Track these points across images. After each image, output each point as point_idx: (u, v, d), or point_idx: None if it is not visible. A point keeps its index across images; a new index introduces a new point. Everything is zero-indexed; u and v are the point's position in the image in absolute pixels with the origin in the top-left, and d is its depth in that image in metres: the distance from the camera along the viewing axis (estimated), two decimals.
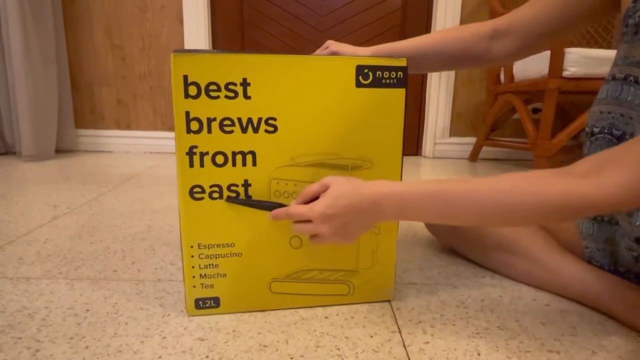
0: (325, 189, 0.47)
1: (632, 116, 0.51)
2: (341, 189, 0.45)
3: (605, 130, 0.54)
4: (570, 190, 0.38)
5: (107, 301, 0.56)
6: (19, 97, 1.63)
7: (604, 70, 1.28)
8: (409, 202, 0.44)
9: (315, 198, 0.48)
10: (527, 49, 0.64)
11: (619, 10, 0.57)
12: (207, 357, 0.45)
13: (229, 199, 0.50)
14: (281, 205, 0.49)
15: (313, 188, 0.48)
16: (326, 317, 0.54)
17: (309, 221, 0.47)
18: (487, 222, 0.44)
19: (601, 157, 0.40)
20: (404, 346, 0.48)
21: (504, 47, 0.64)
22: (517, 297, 0.60)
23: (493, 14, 1.70)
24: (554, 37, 0.62)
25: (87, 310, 0.54)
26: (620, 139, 0.52)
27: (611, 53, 1.30)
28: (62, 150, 1.92)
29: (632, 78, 0.51)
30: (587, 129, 0.59)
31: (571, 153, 1.47)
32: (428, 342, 0.49)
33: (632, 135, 0.51)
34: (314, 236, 0.48)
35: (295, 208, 0.47)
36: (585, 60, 1.28)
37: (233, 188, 0.50)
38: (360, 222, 0.46)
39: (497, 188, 0.41)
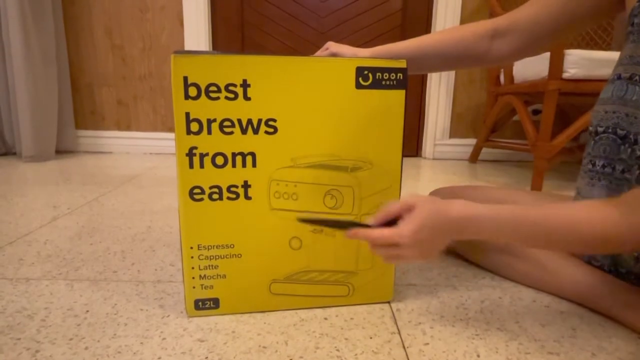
0: (407, 209, 0.45)
1: (637, 116, 0.51)
2: (427, 211, 0.44)
3: (610, 130, 0.54)
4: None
5: (107, 302, 0.56)
6: (19, 98, 1.63)
7: (604, 71, 1.28)
8: (488, 227, 0.45)
9: (395, 217, 0.46)
10: (527, 48, 0.64)
11: (622, 10, 0.56)
12: (206, 358, 0.45)
13: (300, 219, 0.48)
14: (355, 224, 0.47)
15: (394, 208, 0.46)
16: (326, 319, 0.54)
17: (392, 244, 0.45)
18: (556, 248, 0.48)
19: None
20: (404, 347, 0.48)
21: (505, 47, 0.64)
22: (517, 299, 0.60)
23: (493, 16, 1.69)
24: (554, 37, 0.62)
25: (87, 311, 0.54)
26: (624, 138, 0.52)
27: (611, 55, 1.30)
28: (62, 151, 1.92)
29: (637, 77, 0.51)
30: (590, 128, 0.59)
31: (571, 154, 1.47)
32: (428, 344, 0.49)
33: (636, 135, 0.51)
34: (394, 256, 0.46)
35: (381, 232, 0.45)
36: (585, 62, 1.28)
37: (233, 189, 0.50)
38: (442, 242, 0.46)
39: (571, 219, 0.43)
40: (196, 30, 1.88)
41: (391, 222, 0.46)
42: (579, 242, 0.43)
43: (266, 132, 0.50)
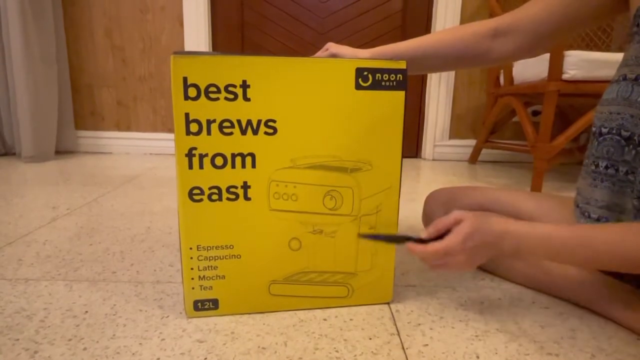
0: (456, 222, 0.50)
1: None
2: (474, 223, 0.49)
3: (614, 131, 0.54)
4: None
5: (106, 303, 0.56)
6: (19, 98, 1.63)
7: (604, 73, 1.28)
8: (526, 245, 0.49)
9: (445, 231, 0.51)
10: (528, 48, 0.63)
11: (626, 10, 0.56)
12: (205, 358, 0.45)
13: (360, 235, 0.54)
14: (410, 238, 0.51)
15: (444, 222, 0.51)
16: (325, 320, 0.54)
17: (444, 255, 0.49)
18: (596, 267, 0.50)
19: None
20: (403, 349, 0.48)
21: (506, 47, 0.64)
22: (516, 300, 0.60)
23: (493, 17, 1.70)
24: (556, 36, 0.61)
25: (86, 311, 0.54)
26: (629, 139, 0.52)
27: (610, 56, 1.30)
28: (62, 151, 1.92)
29: None
30: (593, 129, 0.58)
31: (571, 155, 1.47)
32: (427, 345, 0.49)
33: None
34: (441, 265, 0.51)
35: (434, 248, 0.49)
36: (585, 63, 1.28)
37: (232, 190, 0.50)
38: (484, 254, 0.50)
39: (610, 239, 0.46)
40: (196, 31, 1.88)
41: (441, 235, 0.51)
42: (622, 262, 0.45)
43: (266, 133, 0.50)
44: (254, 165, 0.50)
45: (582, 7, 0.58)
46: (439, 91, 1.96)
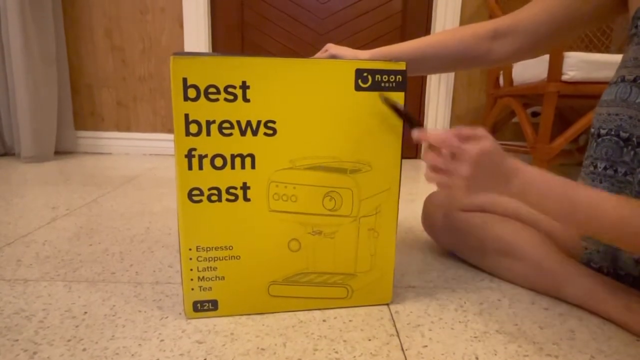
0: (479, 138, 0.46)
1: None
2: (494, 144, 0.46)
3: (613, 132, 0.54)
4: None
5: (105, 303, 0.56)
6: (19, 98, 1.63)
7: (603, 74, 1.28)
8: (535, 189, 0.46)
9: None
10: (528, 49, 0.63)
11: (625, 12, 0.56)
12: (204, 359, 0.45)
13: (383, 98, 0.50)
14: (419, 124, 0.49)
15: (470, 131, 0.47)
16: (324, 321, 0.54)
17: (455, 154, 0.46)
18: (597, 237, 0.48)
19: None
20: (402, 350, 0.48)
21: (505, 48, 0.64)
22: (515, 301, 0.60)
23: (492, 17, 1.70)
24: (555, 38, 0.61)
25: (85, 312, 0.54)
26: (627, 141, 0.52)
27: (610, 57, 1.31)
28: (61, 151, 1.92)
29: None
30: (592, 130, 0.59)
31: (570, 156, 1.47)
32: (426, 346, 0.49)
33: (639, 138, 0.51)
34: (446, 174, 0.47)
35: (448, 135, 0.46)
36: (584, 65, 1.28)
37: (232, 191, 0.50)
38: (489, 182, 0.47)
39: (621, 210, 0.43)
40: (196, 32, 1.88)
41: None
42: (626, 239, 0.44)
43: (265, 134, 0.50)
44: (253, 166, 0.50)
45: (582, 8, 0.58)
46: (439, 92, 1.96)
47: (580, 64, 1.28)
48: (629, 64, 0.53)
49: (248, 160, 0.50)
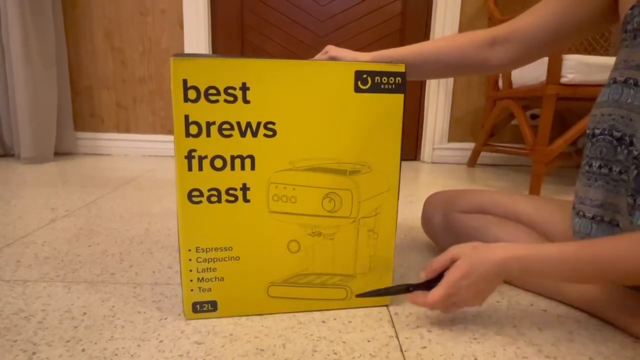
0: (452, 260, 0.51)
1: (632, 118, 0.51)
2: (471, 258, 0.49)
3: (606, 132, 0.55)
4: None
5: (104, 304, 0.56)
6: (19, 100, 1.63)
7: (602, 76, 1.28)
8: (533, 268, 0.48)
9: (442, 271, 0.52)
10: (526, 56, 0.64)
11: (617, 21, 0.57)
12: None
13: (358, 296, 0.56)
14: (409, 287, 0.54)
15: (439, 262, 0.52)
16: (323, 322, 0.54)
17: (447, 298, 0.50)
18: (607, 282, 0.52)
19: None
20: (402, 351, 0.48)
21: (504, 54, 0.64)
22: (514, 302, 0.60)
23: (492, 20, 1.71)
24: (553, 45, 0.62)
25: (84, 313, 0.54)
26: (620, 140, 0.53)
27: (609, 60, 1.31)
28: (61, 153, 1.92)
29: (632, 81, 0.52)
30: (588, 131, 0.60)
31: (569, 159, 1.47)
32: (425, 347, 0.49)
33: (632, 137, 0.51)
34: (451, 306, 0.51)
35: (433, 298, 0.49)
36: (583, 67, 1.28)
37: (231, 192, 0.50)
38: (490, 286, 0.50)
39: (617, 254, 0.45)
40: (196, 34, 1.88)
41: (440, 276, 0.52)
42: (631, 275, 0.44)
43: (265, 135, 0.50)
44: (253, 167, 0.50)
45: (576, 17, 0.59)
46: (438, 94, 1.96)
47: (579, 67, 1.28)
48: (620, 66, 0.54)
49: (248, 162, 0.50)
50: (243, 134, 0.49)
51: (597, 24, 0.60)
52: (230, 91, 0.48)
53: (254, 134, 0.49)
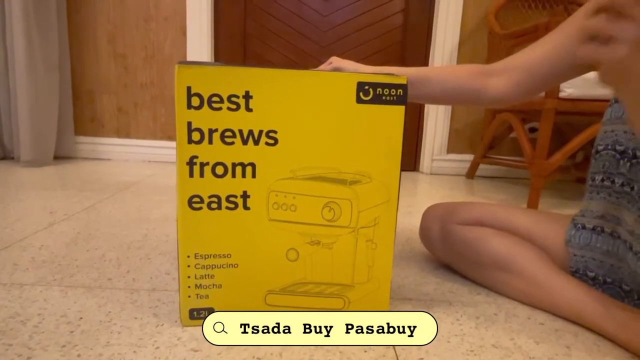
0: None
1: (634, 132, 0.52)
2: None
3: (609, 147, 0.56)
4: None
5: (101, 309, 0.56)
6: (20, 103, 1.64)
7: (600, 91, 1.30)
8: None
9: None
10: (524, 89, 0.65)
11: None
12: None
13: None
14: None
15: None
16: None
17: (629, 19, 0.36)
18: None
19: None
20: None
21: (501, 84, 0.66)
22: (512, 315, 0.60)
23: (492, 34, 1.73)
24: (551, 79, 0.63)
25: (81, 318, 0.54)
26: (623, 153, 0.54)
27: None
28: (60, 156, 1.92)
29: None
30: (593, 150, 0.61)
31: (567, 172, 1.48)
32: (422, 358, 0.49)
33: (634, 150, 0.52)
34: (600, 39, 0.38)
35: None
36: (582, 82, 1.30)
37: (232, 199, 0.51)
38: None
39: None
40: (199, 41, 1.90)
41: None
42: None
43: (267, 144, 0.50)
44: (254, 175, 0.50)
45: (569, 59, 0.59)
46: (438, 106, 1.98)
47: (578, 82, 1.29)
48: None
49: (249, 169, 0.50)
50: (245, 142, 0.50)
51: (592, 67, 0.60)
52: (233, 99, 0.48)
53: (256, 142, 0.50)
